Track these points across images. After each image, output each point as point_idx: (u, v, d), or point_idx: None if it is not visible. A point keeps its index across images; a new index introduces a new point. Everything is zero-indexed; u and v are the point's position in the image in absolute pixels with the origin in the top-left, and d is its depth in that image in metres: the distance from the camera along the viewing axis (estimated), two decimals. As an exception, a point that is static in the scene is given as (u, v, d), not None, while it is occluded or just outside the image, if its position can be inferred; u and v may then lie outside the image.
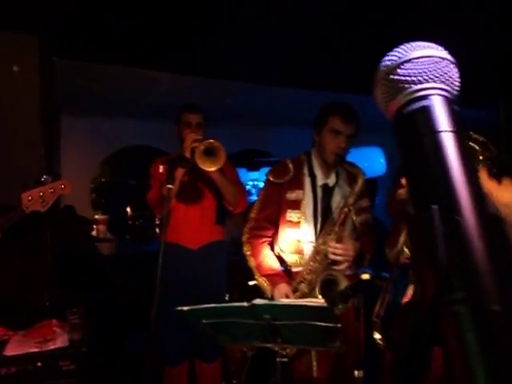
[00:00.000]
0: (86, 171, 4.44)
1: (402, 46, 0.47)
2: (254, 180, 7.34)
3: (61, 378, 1.86)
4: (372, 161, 4.29)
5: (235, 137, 4.77)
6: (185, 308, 1.52)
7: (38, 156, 2.29)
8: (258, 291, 2.12)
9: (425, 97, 0.44)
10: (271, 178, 2.10)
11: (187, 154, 2.17)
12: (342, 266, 1.87)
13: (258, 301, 1.45)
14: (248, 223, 2.16)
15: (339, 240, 1.90)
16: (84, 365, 1.99)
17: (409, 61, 0.45)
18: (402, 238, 1.90)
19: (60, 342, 1.96)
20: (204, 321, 1.59)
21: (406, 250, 1.80)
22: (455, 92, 0.46)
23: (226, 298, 3.29)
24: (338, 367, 1.98)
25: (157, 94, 3.57)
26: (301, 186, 2.05)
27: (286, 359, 1.64)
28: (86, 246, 3.10)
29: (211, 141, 2.19)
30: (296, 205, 2.03)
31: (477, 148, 1.98)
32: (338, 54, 3.11)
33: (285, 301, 1.78)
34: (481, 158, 1.97)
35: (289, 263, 2.08)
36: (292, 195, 2.04)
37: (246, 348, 2.59)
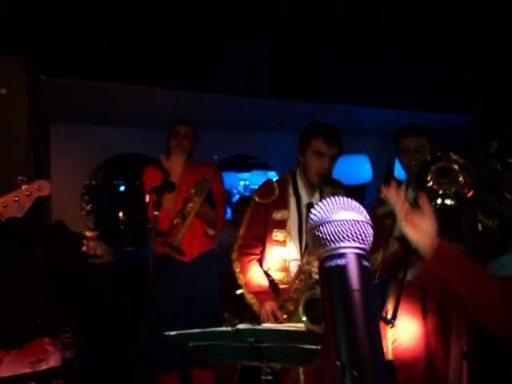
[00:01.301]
0: (77, 181, 4.49)
1: (327, 204, 0.53)
2: (246, 180, 7.57)
3: (54, 398, 1.91)
4: (359, 168, 4.37)
5: (225, 143, 4.88)
6: (172, 333, 1.57)
7: (26, 174, 2.31)
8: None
9: (340, 255, 0.50)
10: (257, 199, 2.15)
11: (174, 178, 2.24)
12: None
13: (241, 326, 1.51)
14: (236, 241, 2.21)
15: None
16: (76, 383, 2.04)
17: (329, 222, 0.52)
18: (379, 257, 1.95)
19: (53, 361, 2.00)
20: (191, 343, 1.65)
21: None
22: (367, 245, 0.52)
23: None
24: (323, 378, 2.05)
25: (147, 107, 3.61)
26: (286, 206, 2.09)
27: (270, 377, 1.71)
28: (76, 261, 3.13)
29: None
30: (282, 224, 2.08)
31: (456, 168, 2.01)
32: (322, 64, 3.14)
33: (267, 325, 1.84)
34: (460, 178, 2.00)
35: (276, 280, 2.13)
36: (278, 215, 2.09)
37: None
